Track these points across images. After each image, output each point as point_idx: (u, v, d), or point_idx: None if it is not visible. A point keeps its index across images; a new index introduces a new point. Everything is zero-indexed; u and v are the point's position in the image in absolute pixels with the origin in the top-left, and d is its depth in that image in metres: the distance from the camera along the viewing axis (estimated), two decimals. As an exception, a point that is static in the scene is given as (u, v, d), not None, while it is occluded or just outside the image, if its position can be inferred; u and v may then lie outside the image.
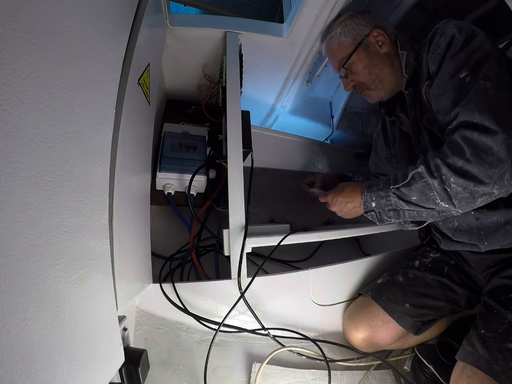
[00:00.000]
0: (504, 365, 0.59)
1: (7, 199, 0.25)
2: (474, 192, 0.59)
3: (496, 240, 0.71)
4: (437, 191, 0.62)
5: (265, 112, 1.34)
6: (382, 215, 0.72)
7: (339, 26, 0.86)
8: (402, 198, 0.67)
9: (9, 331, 0.26)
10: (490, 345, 0.63)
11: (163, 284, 0.72)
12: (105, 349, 0.44)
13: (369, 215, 0.74)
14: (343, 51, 0.84)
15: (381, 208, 0.71)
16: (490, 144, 0.57)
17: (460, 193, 0.60)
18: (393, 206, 0.69)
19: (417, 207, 0.67)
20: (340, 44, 0.85)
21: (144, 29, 0.63)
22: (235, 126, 0.82)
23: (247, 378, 0.72)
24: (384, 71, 0.82)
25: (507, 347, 0.61)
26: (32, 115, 0.29)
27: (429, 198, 0.63)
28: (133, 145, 0.61)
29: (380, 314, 0.79)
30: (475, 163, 0.57)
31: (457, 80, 0.62)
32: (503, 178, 0.57)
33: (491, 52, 0.62)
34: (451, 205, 0.62)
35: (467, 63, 0.62)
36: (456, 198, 0.60)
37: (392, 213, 0.71)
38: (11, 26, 0.26)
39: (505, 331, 0.63)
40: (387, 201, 0.70)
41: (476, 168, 0.57)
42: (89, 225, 0.40)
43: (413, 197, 0.66)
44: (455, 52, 0.64)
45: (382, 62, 0.82)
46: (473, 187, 0.58)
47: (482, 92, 0.59)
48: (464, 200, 0.60)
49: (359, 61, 0.82)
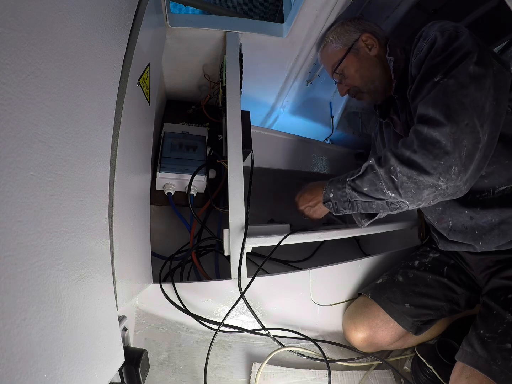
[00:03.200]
0: (503, 365, 0.59)
1: (7, 199, 0.25)
2: (419, 182, 0.60)
3: (491, 241, 0.70)
4: (384, 180, 0.64)
5: (265, 112, 1.34)
6: (338, 206, 0.76)
7: (330, 34, 0.91)
8: (356, 189, 0.71)
9: (9, 331, 0.26)
10: (489, 346, 0.63)
11: (163, 284, 0.72)
12: (105, 349, 0.44)
13: (326, 205, 0.79)
14: (335, 57, 0.89)
15: (337, 199, 0.75)
16: (438, 138, 0.58)
17: (406, 182, 0.61)
18: (347, 197, 0.73)
19: (368, 198, 0.70)
20: (332, 51, 0.90)
21: (144, 29, 0.63)
22: (235, 126, 0.82)
23: (247, 378, 0.72)
24: (376, 74, 0.84)
25: (506, 347, 0.61)
26: (32, 115, 0.29)
27: (378, 188, 0.66)
28: (133, 145, 0.61)
29: (380, 314, 0.79)
30: (420, 153, 0.59)
31: (431, 83, 0.63)
32: (449, 171, 0.57)
33: (470, 52, 0.61)
34: (397, 195, 0.64)
35: (444, 67, 0.62)
36: (402, 187, 0.62)
37: (347, 205, 0.74)
38: (11, 26, 0.26)
39: (504, 332, 0.63)
40: (342, 192, 0.74)
41: (421, 159, 0.59)
42: (89, 225, 0.40)
43: (364, 188, 0.69)
44: (434, 56, 0.65)
45: (373, 65, 0.84)
46: (417, 177, 0.59)
47: (443, 89, 0.60)
48: (410, 191, 0.62)
49: (350, 65, 0.86)
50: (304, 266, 0.84)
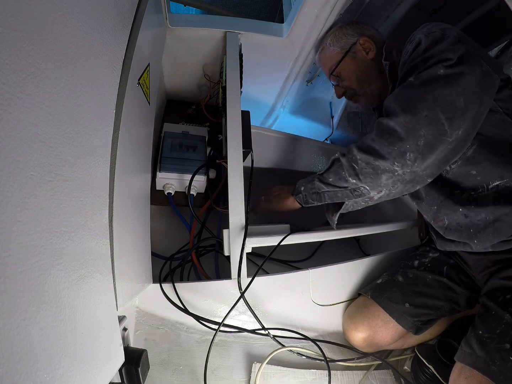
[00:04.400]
0: (501, 366, 0.59)
1: (7, 199, 0.25)
2: (376, 167, 0.65)
3: (485, 239, 0.70)
4: (347, 168, 0.70)
5: (265, 112, 1.34)
6: (307, 197, 0.80)
7: (329, 37, 0.93)
8: (323, 181, 0.76)
9: (9, 331, 0.26)
10: (487, 346, 0.63)
11: (163, 284, 0.72)
12: (105, 349, 0.44)
13: (297, 197, 0.83)
14: (332, 60, 0.91)
15: (307, 191, 0.80)
16: (393, 126, 0.63)
17: (364, 168, 0.67)
18: (315, 189, 0.78)
19: (333, 188, 0.75)
20: (330, 54, 0.92)
21: (144, 29, 0.63)
22: (235, 126, 0.82)
23: (247, 378, 0.72)
24: (372, 76, 0.86)
25: (504, 347, 0.61)
26: (32, 115, 0.29)
27: (341, 177, 0.71)
28: (133, 145, 0.61)
29: (380, 314, 0.79)
30: (377, 141, 0.65)
31: (405, 83, 0.66)
32: (404, 157, 0.62)
33: (446, 59, 0.62)
34: (358, 180, 0.69)
35: (421, 68, 0.64)
36: (361, 173, 0.67)
37: (315, 196, 0.79)
38: (11, 26, 0.26)
39: (502, 332, 0.63)
40: (312, 185, 0.79)
41: (377, 145, 0.65)
42: (89, 225, 0.40)
43: (330, 178, 0.74)
44: (414, 58, 0.67)
45: (370, 68, 0.86)
46: (373, 162, 0.65)
47: (408, 86, 0.65)
48: (369, 176, 0.67)
49: (347, 68, 0.88)
50: (304, 266, 0.84)
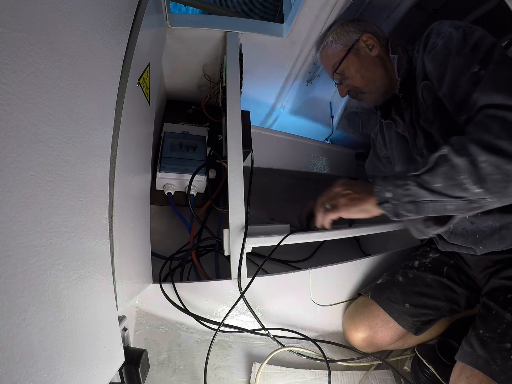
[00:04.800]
0: (502, 365, 0.59)
1: (7, 199, 0.25)
2: (509, 173, 0.50)
3: (491, 244, 0.71)
4: (466, 173, 0.52)
5: (265, 112, 1.33)
6: (399, 208, 0.60)
7: (330, 35, 0.90)
8: (424, 186, 0.56)
9: (9, 331, 0.26)
10: (488, 345, 0.63)
11: (163, 284, 0.72)
12: (105, 349, 0.44)
13: (383, 207, 0.62)
14: (335, 57, 0.87)
15: (398, 199, 0.60)
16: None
17: (493, 174, 0.51)
18: (412, 197, 0.58)
19: (442, 197, 0.55)
20: (332, 51, 0.88)
21: (144, 29, 0.63)
22: (235, 126, 0.82)
23: (247, 378, 0.72)
24: (377, 74, 0.83)
25: (505, 347, 0.61)
26: (32, 115, 0.29)
27: (457, 183, 0.53)
28: (133, 145, 0.61)
29: (380, 314, 0.79)
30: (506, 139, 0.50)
31: (471, 75, 0.60)
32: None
33: (494, 41, 0.62)
34: (483, 190, 0.52)
35: (476, 57, 0.61)
36: (489, 180, 0.51)
37: (411, 206, 0.59)
38: (11, 26, 0.26)
39: (503, 331, 0.63)
40: (405, 190, 0.58)
41: (508, 144, 0.50)
42: (89, 225, 0.40)
43: (437, 183, 0.55)
44: (460, 49, 0.63)
45: (374, 65, 0.83)
46: (507, 166, 0.50)
47: (496, 76, 0.57)
48: (499, 183, 0.51)
49: (351, 65, 0.84)
50: (304, 266, 0.84)
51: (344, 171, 1.39)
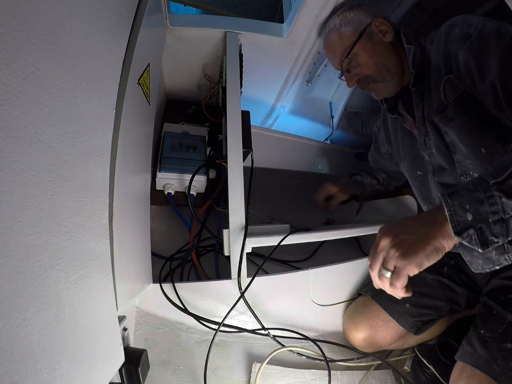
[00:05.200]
0: (503, 365, 0.59)
1: (7, 199, 0.25)
2: None
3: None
4: None
5: (265, 112, 1.33)
6: (486, 233, 0.45)
7: (337, 18, 0.82)
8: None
9: (9, 331, 0.26)
10: (489, 345, 0.63)
11: (163, 284, 0.72)
12: (105, 349, 0.44)
13: (465, 237, 0.45)
14: (344, 42, 0.79)
15: (483, 220, 0.44)
16: None
17: None
18: (499, 214, 0.44)
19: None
20: (340, 35, 0.80)
21: (144, 29, 0.63)
22: (235, 126, 0.82)
23: (247, 378, 0.72)
24: (391, 61, 0.76)
25: (506, 347, 0.61)
26: (32, 115, 0.29)
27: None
28: (133, 145, 0.61)
29: (380, 314, 0.79)
30: None
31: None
32: None
33: None
34: None
35: None
36: None
37: (499, 228, 0.44)
38: (11, 26, 0.26)
39: (504, 331, 0.63)
40: (490, 205, 0.44)
41: None
42: (89, 225, 0.40)
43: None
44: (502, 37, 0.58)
45: (388, 52, 0.77)
46: None
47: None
48: None
49: (363, 51, 0.77)
50: (304, 266, 0.84)
51: (344, 171, 1.39)
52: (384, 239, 0.50)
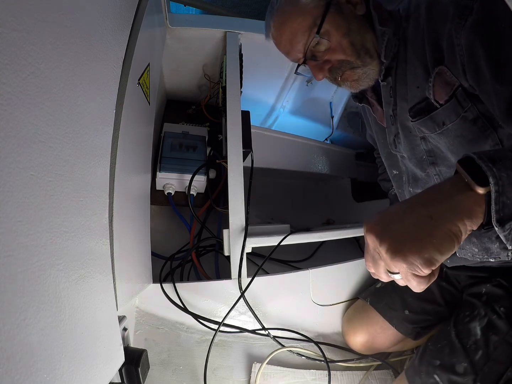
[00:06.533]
0: (423, 380, 0.61)
1: (7, 199, 0.25)
2: None
3: (458, 259, 0.69)
4: None
5: (265, 112, 1.34)
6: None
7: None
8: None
9: (9, 331, 0.25)
10: (424, 357, 0.64)
11: (163, 284, 0.72)
12: (105, 349, 0.44)
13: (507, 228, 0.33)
14: (307, 16, 0.56)
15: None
16: None
17: None
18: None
19: None
20: (299, 9, 0.56)
21: (144, 29, 0.63)
22: (235, 126, 0.82)
23: (247, 378, 0.72)
24: (368, 39, 0.57)
25: (434, 363, 0.62)
26: (32, 115, 0.29)
27: None
28: (133, 145, 0.61)
29: (379, 321, 0.78)
30: None
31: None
32: None
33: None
34: None
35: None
36: None
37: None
38: (11, 26, 0.26)
39: (441, 347, 0.64)
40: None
41: None
42: (89, 225, 0.40)
43: None
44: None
45: (364, 27, 0.57)
46: None
47: None
48: None
49: (334, 29, 0.55)
50: (304, 266, 0.84)
51: (344, 171, 1.39)
52: (369, 236, 0.37)
